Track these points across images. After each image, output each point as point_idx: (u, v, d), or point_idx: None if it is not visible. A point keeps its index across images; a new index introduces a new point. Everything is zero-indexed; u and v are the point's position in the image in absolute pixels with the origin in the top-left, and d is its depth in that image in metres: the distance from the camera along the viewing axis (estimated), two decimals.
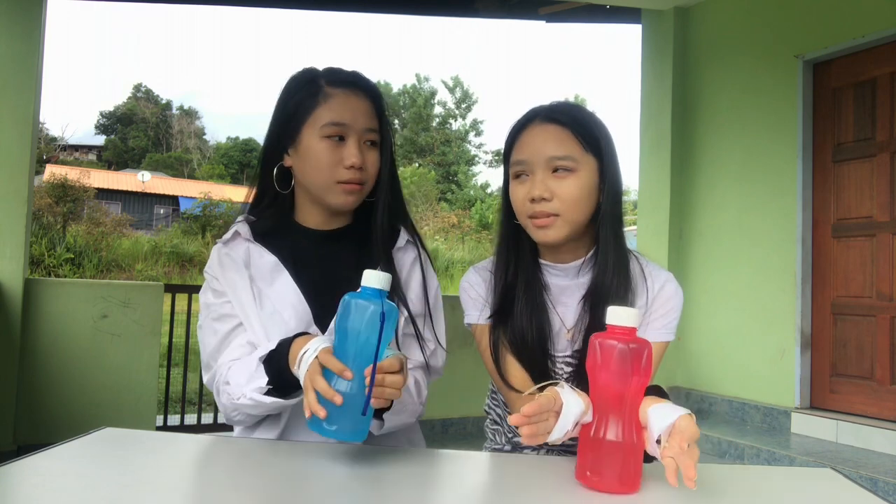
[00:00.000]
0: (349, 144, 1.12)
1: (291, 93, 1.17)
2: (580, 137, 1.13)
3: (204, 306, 1.19)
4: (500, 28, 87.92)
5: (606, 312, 0.86)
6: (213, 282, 1.18)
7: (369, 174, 1.15)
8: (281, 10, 35.69)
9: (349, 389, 0.87)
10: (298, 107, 1.14)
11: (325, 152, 1.12)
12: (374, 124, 1.16)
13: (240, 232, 1.19)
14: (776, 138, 3.89)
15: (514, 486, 0.89)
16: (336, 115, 1.12)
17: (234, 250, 1.18)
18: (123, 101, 41.80)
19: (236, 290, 1.15)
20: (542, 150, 1.12)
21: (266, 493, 0.81)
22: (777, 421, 3.68)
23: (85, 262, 13.25)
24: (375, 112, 1.17)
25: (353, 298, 0.89)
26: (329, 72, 1.18)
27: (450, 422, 4.06)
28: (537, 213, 1.11)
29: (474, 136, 35.10)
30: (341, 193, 1.14)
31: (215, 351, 1.15)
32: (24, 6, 3.38)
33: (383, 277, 0.89)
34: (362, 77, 1.19)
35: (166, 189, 25.98)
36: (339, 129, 1.12)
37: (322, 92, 1.14)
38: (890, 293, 3.39)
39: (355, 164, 1.11)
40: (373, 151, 1.16)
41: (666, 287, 1.17)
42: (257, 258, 1.17)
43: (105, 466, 0.91)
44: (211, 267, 1.19)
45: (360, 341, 0.87)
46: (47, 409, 3.33)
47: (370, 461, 0.95)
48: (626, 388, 0.83)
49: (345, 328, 0.88)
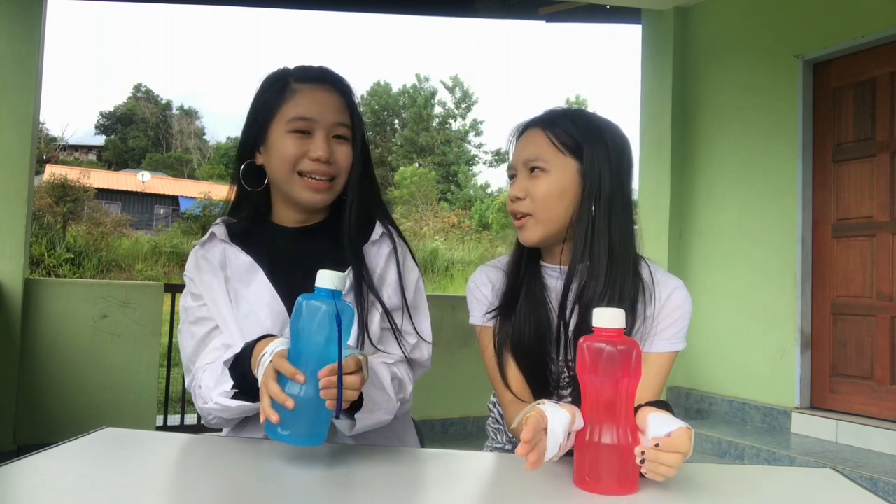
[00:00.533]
0: (316, 138, 1.12)
1: (261, 92, 1.18)
2: (554, 139, 1.14)
3: (183, 310, 1.19)
4: (500, 28, 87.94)
5: (593, 313, 0.86)
6: (190, 285, 1.19)
7: (340, 167, 1.15)
8: (281, 10, 35.67)
9: (302, 393, 0.86)
10: (267, 104, 1.15)
11: (290, 145, 1.12)
12: (343, 118, 1.15)
13: (216, 233, 1.19)
14: (776, 138, 3.89)
15: (514, 487, 0.89)
16: (302, 110, 1.12)
17: (210, 252, 1.18)
18: (123, 101, 41.80)
19: (212, 292, 1.15)
20: (521, 153, 1.16)
21: (266, 493, 0.81)
22: (777, 421, 3.68)
23: (85, 262, 13.24)
24: (346, 107, 1.17)
25: (305, 300, 0.87)
26: (298, 69, 1.19)
27: (450, 422, 4.05)
28: (514, 212, 1.16)
29: (474, 135, 35.11)
30: (307, 189, 1.13)
31: (193, 354, 1.16)
32: (24, 6, 3.38)
33: (336, 277, 0.88)
34: (330, 72, 1.19)
35: (166, 189, 25.98)
36: (305, 124, 1.12)
37: (289, 88, 1.14)
38: (890, 293, 3.39)
39: (321, 157, 1.11)
40: (343, 145, 1.15)
41: (675, 295, 1.16)
42: (233, 259, 1.17)
43: (105, 466, 0.91)
44: (189, 270, 1.19)
45: (315, 343, 0.86)
46: (47, 409, 3.33)
47: (369, 461, 0.95)
48: (617, 390, 0.83)
49: (299, 330, 0.87)
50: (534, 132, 1.16)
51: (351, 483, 0.86)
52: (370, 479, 0.88)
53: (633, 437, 0.84)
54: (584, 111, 1.22)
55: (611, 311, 0.85)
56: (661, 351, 1.16)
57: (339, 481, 0.86)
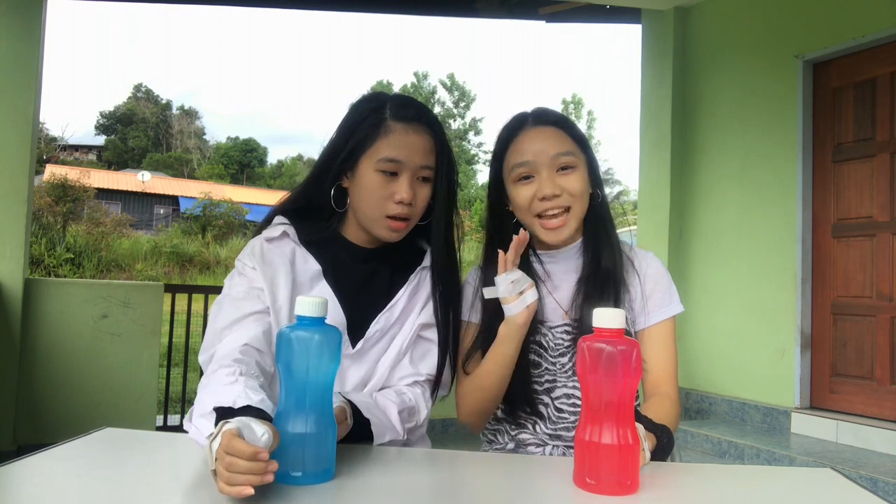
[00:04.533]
0: (402, 180, 1.16)
1: (357, 118, 1.19)
2: (573, 137, 1.24)
3: (228, 286, 1.16)
4: (500, 28, 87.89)
5: (593, 313, 0.86)
6: (246, 269, 1.16)
7: (417, 209, 1.19)
8: (281, 10, 35.69)
9: (305, 430, 0.83)
10: (361, 135, 1.17)
11: (377, 186, 1.15)
12: (429, 161, 1.18)
13: (287, 233, 1.21)
14: (776, 138, 3.89)
15: (514, 487, 0.89)
16: (393, 152, 1.15)
17: (280, 248, 1.19)
18: (123, 101, 41.86)
19: (276, 285, 1.14)
20: (545, 151, 1.20)
21: (266, 493, 0.81)
22: (777, 421, 3.68)
23: (85, 262, 13.24)
24: (434, 148, 1.20)
25: (291, 331, 0.84)
26: (396, 103, 1.20)
27: (450, 422, 4.06)
28: (547, 209, 1.20)
29: (474, 135, 35.12)
30: (387, 229, 1.18)
31: (227, 327, 1.09)
32: (24, 6, 3.38)
33: (318, 304, 0.85)
34: (426, 112, 1.22)
35: (166, 189, 25.99)
36: (394, 166, 1.15)
37: (384, 125, 1.17)
38: (890, 293, 3.39)
39: (404, 200, 1.15)
40: (424, 187, 1.19)
41: (652, 263, 1.27)
42: (301, 262, 1.19)
43: (105, 466, 0.91)
44: (250, 256, 1.16)
45: (309, 375, 0.83)
46: (47, 409, 3.33)
47: (370, 461, 0.95)
48: (617, 390, 0.83)
49: (289, 364, 0.83)
50: (550, 131, 1.23)
51: (351, 483, 0.86)
52: (370, 478, 0.88)
53: (633, 437, 0.84)
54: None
55: (611, 311, 0.85)
56: (663, 319, 1.23)
57: (340, 481, 0.86)
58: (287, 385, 0.84)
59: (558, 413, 1.23)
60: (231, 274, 1.19)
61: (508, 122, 1.28)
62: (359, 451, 1.00)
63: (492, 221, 1.30)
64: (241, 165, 37.41)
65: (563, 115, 1.29)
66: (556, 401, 1.23)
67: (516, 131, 1.25)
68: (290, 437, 0.82)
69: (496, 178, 1.28)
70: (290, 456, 0.82)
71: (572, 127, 1.26)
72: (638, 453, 0.86)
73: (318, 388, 0.84)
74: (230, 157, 38.00)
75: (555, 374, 1.23)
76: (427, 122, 1.20)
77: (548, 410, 1.23)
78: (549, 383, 1.23)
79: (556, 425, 1.23)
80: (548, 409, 1.23)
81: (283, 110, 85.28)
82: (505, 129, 1.28)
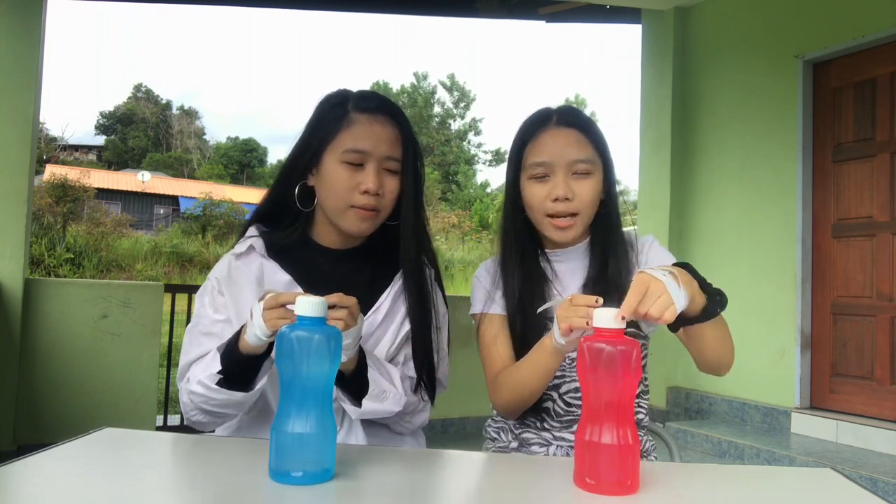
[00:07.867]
0: (367, 170, 1.14)
1: (320, 115, 1.19)
2: (594, 142, 1.23)
3: (197, 315, 1.18)
4: (500, 28, 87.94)
5: (593, 313, 0.86)
6: (215, 293, 1.17)
7: (386, 200, 1.17)
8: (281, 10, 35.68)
9: (306, 429, 0.82)
10: (324, 129, 1.16)
11: (342, 177, 1.14)
12: (395, 152, 1.17)
13: (254, 247, 1.19)
14: (776, 138, 3.89)
15: (514, 487, 0.89)
16: (358, 142, 1.14)
17: (247, 265, 1.17)
18: (123, 101, 41.82)
19: (242, 306, 1.14)
20: (565, 154, 1.21)
21: (266, 494, 0.81)
22: (777, 421, 3.68)
23: (85, 262, 13.24)
24: (399, 139, 1.18)
25: (291, 331, 0.83)
26: (358, 96, 1.19)
27: (450, 422, 4.06)
28: (559, 212, 1.20)
29: (473, 135, 35.12)
30: (355, 219, 1.16)
31: (193, 361, 1.14)
32: (24, 6, 3.38)
33: (318, 304, 0.85)
34: (389, 103, 1.20)
35: (166, 189, 25.98)
36: (358, 156, 1.14)
37: (347, 117, 1.16)
38: (890, 293, 3.39)
39: (370, 190, 1.13)
40: (392, 178, 1.17)
41: (653, 246, 1.29)
42: (271, 275, 1.17)
43: (105, 466, 0.91)
44: (219, 274, 1.18)
45: (309, 375, 0.83)
46: (47, 409, 3.33)
47: (370, 461, 0.95)
48: (617, 390, 0.83)
49: (290, 364, 0.83)
50: (574, 135, 1.22)
51: (351, 483, 0.86)
52: (371, 478, 0.88)
53: (633, 437, 0.84)
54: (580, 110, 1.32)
55: (611, 311, 0.85)
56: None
57: (340, 481, 0.86)
58: (287, 385, 0.84)
59: (566, 407, 1.23)
60: (203, 288, 1.20)
61: (533, 116, 1.27)
62: (359, 451, 1.00)
63: (511, 219, 1.28)
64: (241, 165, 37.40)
65: (589, 118, 1.28)
66: (563, 396, 1.24)
67: (539, 128, 1.24)
68: (290, 437, 0.82)
69: (514, 174, 1.27)
70: (289, 456, 0.82)
71: (596, 132, 1.25)
72: (638, 453, 0.86)
73: (317, 388, 0.84)
74: (230, 157, 37.99)
75: (563, 369, 1.23)
76: (391, 112, 1.19)
77: (554, 406, 1.24)
78: (558, 379, 1.23)
79: (563, 418, 1.23)
80: (554, 405, 1.24)
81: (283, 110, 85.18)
82: (528, 123, 1.26)
